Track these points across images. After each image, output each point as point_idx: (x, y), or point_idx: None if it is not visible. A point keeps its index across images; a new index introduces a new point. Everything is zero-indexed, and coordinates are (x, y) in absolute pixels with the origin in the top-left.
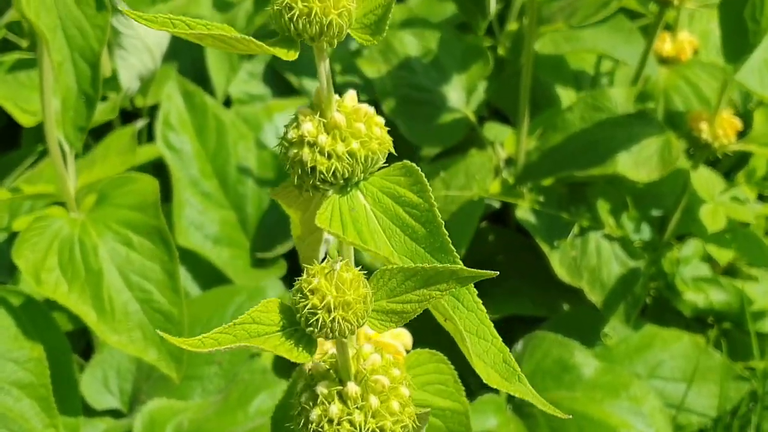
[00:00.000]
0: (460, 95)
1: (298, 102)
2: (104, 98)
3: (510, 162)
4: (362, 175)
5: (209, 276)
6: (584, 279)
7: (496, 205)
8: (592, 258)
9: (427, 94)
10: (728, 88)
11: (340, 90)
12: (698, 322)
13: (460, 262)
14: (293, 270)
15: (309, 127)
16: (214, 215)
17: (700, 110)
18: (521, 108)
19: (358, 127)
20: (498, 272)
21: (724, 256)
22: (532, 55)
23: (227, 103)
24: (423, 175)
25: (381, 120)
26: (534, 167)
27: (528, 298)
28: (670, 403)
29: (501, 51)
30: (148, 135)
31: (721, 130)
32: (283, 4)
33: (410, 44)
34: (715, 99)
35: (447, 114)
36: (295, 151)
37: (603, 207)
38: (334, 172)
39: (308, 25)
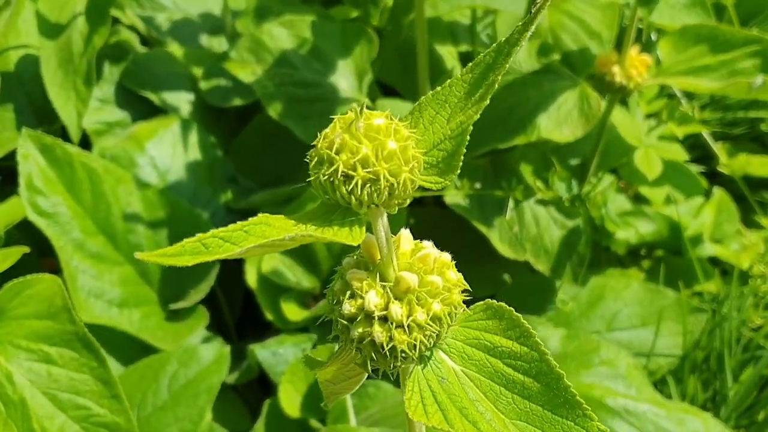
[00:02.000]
0: (351, 82)
1: (167, 122)
2: None
3: None
4: (446, 335)
5: (125, 346)
6: (528, 251)
7: None
8: (531, 228)
9: (315, 89)
10: (633, 27)
11: (200, 98)
12: (631, 255)
13: (593, 415)
14: (215, 316)
15: (374, 298)
16: (111, 276)
17: (608, 54)
18: (421, 81)
19: (433, 281)
20: None
21: (658, 195)
22: (425, 22)
23: (84, 139)
24: (519, 316)
25: (448, 257)
26: None
27: (468, 277)
28: (636, 352)
29: (375, 21)
30: None
31: (634, 69)
32: (337, 174)
33: (281, 36)
34: (603, 31)
35: (341, 106)
36: (361, 330)
37: (527, 170)
38: (418, 347)
39: (376, 194)
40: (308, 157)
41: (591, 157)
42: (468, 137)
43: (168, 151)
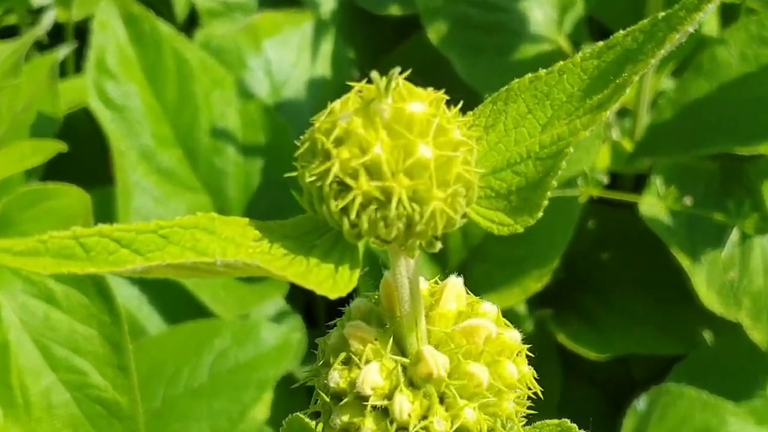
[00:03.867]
0: (549, 14)
1: (299, 18)
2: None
3: (625, 112)
4: None
5: (175, 299)
6: (744, 309)
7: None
8: (757, 277)
9: (497, 14)
10: None
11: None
12: None
13: None
14: (306, 290)
15: (374, 375)
16: (179, 204)
17: None
18: None
19: (473, 374)
20: None
21: None
22: None
23: (192, 18)
24: None
25: (517, 339)
26: (666, 131)
27: (652, 325)
28: None
29: None
30: (76, 65)
31: None
32: (327, 179)
33: None
34: None
35: (529, 45)
36: (347, 419)
37: None
38: None
39: (383, 224)
40: (300, 139)
41: None
42: (564, 164)
43: (290, 57)
